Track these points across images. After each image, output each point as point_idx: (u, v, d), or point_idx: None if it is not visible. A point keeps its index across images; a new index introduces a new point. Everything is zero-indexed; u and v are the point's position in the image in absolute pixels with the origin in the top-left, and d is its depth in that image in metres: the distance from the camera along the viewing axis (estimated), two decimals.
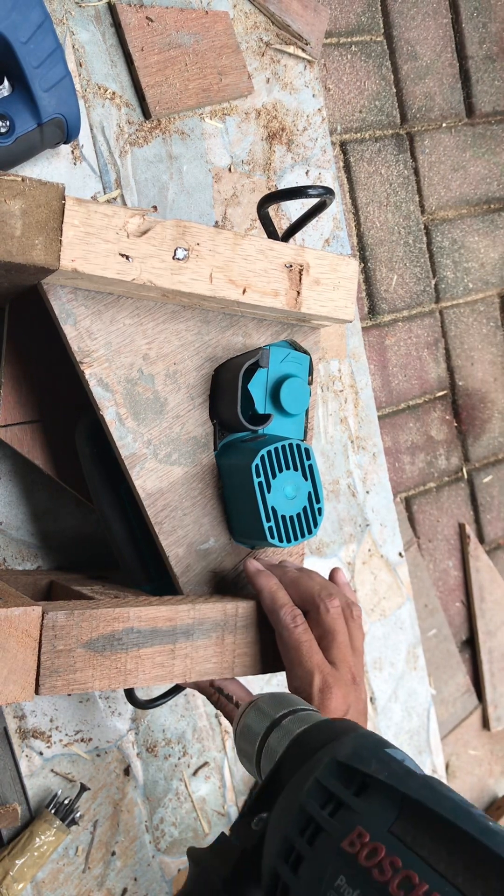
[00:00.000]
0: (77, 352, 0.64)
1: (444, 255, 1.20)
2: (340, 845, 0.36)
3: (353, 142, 1.10)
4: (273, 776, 0.45)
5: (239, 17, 0.93)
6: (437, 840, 0.34)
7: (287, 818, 0.40)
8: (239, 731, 0.53)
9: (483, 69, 1.21)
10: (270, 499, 0.67)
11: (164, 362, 0.68)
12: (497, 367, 1.27)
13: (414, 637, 1.11)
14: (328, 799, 0.39)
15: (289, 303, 0.69)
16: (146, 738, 0.87)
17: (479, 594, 1.24)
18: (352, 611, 0.67)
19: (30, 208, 0.56)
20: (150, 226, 0.61)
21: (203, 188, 0.90)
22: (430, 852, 0.34)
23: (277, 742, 0.48)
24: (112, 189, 0.84)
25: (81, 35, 0.82)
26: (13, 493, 0.79)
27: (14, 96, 0.71)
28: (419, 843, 0.35)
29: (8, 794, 0.78)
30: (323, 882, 0.36)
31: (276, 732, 0.49)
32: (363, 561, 1.05)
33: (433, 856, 0.34)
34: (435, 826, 0.35)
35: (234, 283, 0.66)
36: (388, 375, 1.15)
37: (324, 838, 0.37)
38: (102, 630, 0.59)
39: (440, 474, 1.22)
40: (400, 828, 0.36)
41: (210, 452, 0.71)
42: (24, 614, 0.56)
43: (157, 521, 0.68)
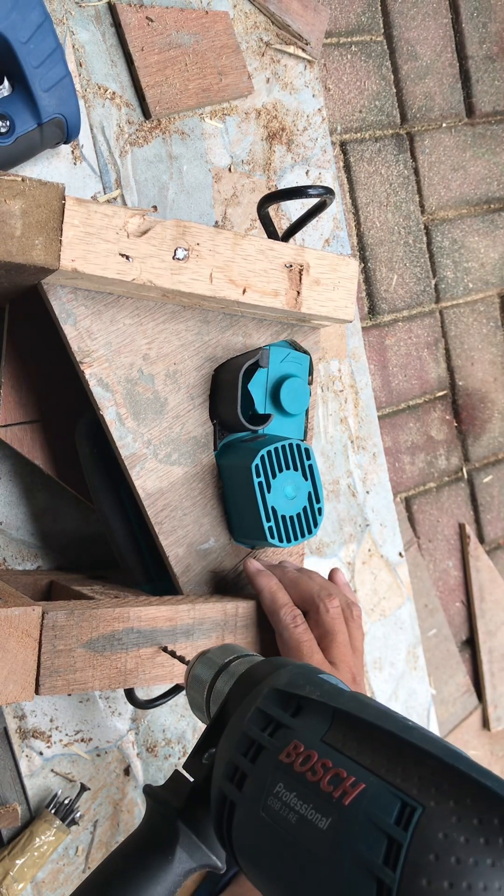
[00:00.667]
0: (77, 352, 0.64)
1: (444, 255, 1.20)
2: (278, 758, 0.39)
3: (353, 142, 1.10)
4: (219, 714, 0.48)
5: (239, 17, 0.93)
6: (363, 742, 0.38)
7: (231, 744, 0.43)
8: (189, 682, 0.54)
9: (483, 69, 1.21)
10: (270, 499, 0.67)
11: (164, 362, 0.68)
12: (497, 367, 1.27)
13: (414, 637, 1.11)
14: (268, 723, 0.42)
15: (289, 303, 0.69)
16: (146, 738, 0.87)
17: (479, 594, 1.24)
18: (352, 611, 0.68)
19: (30, 208, 0.56)
20: (150, 226, 0.61)
21: (203, 188, 0.90)
22: (357, 752, 0.37)
23: (224, 684, 0.50)
24: (112, 189, 0.84)
25: (81, 35, 0.82)
26: (13, 493, 0.79)
27: (14, 96, 0.71)
28: (348, 746, 0.38)
29: (8, 794, 0.78)
30: (264, 792, 0.39)
31: (222, 676, 0.51)
32: (363, 561, 1.05)
33: (360, 755, 0.37)
34: (361, 731, 0.38)
35: (234, 283, 0.66)
36: (388, 375, 1.15)
37: (264, 755, 0.40)
38: (102, 630, 0.60)
39: (440, 474, 1.22)
40: (331, 737, 0.39)
41: (210, 452, 0.71)
42: (24, 614, 0.56)
43: (157, 521, 0.68)
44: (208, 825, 0.46)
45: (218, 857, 0.47)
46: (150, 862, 0.46)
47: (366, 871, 0.33)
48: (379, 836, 0.34)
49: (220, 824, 0.42)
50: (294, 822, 0.37)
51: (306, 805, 0.37)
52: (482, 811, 0.32)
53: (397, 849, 0.33)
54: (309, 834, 0.36)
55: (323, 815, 0.36)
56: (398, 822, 0.34)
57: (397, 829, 0.33)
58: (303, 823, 0.36)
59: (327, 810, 0.36)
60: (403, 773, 0.35)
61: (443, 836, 0.32)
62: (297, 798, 0.37)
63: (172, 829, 0.46)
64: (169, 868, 0.46)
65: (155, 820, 0.48)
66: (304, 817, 0.36)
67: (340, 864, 0.34)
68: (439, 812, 0.33)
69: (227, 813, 0.41)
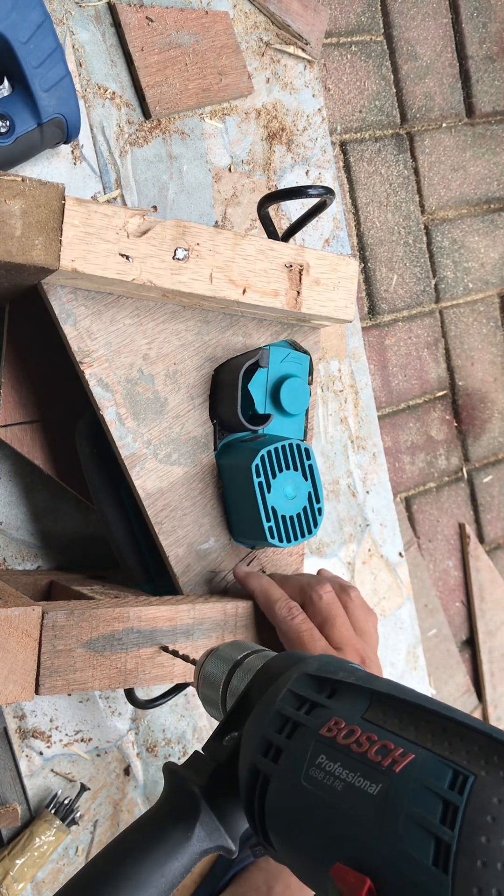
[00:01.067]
0: (77, 352, 0.64)
1: (444, 255, 1.20)
2: (319, 732, 0.40)
3: (353, 142, 1.10)
4: (241, 701, 0.48)
5: (239, 17, 0.93)
6: (404, 720, 0.39)
7: (263, 722, 0.43)
8: (202, 680, 0.54)
9: (483, 69, 1.21)
10: (270, 499, 0.67)
11: (164, 362, 0.68)
12: (497, 367, 1.27)
13: (414, 637, 1.11)
14: (302, 703, 0.42)
15: (289, 303, 0.69)
16: (146, 738, 0.87)
17: (479, 594, 1.24)
18: (349, 593, 0.67)
19: (30, 208, 0.56)
20: (150, 226, 0.61)
21: (203, 188, 0.90)
22: (400, 729, 0.38)
23: (240, 680, 0.50)
24: (112, 189, 0.84)
25: (81, 35, 0.82)
26: (13, 493, 0.79)
27: (14, 96, 0.71)
28: (390, 723, 0.39)
29: (8, 794, 0.78)
30: (305, 763, 0.39)
31: (237, 673, 0.51)
32: (363, 561, 1.05)
33: (404, 731, 0.38)
34: (402, 709, 0.39)
35: (234, 283, 0.66)
36: (388, 375, 1.15)
37: (302, 731, 0.41)
38: (102, 630, 0.60)
39: (440, 474, 1.22)
40: (371, 715, 0.40)
41: (210, 452, 0.71)
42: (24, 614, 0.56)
43: (157, 521, 0.68)
44: (228, 806, 0.46)
45: (233, 840, 0.47)
46: (168, 837, 0.46)
47: (422, 830, 0.34)
48: (434, 798, 0.35)
49: (252, 799, 0.42)
50: (340, 788, 0.37)
51: (353, 773, 0.37)
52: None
53: (454, 811, 0.34)
54: (358, 798, 0.36)
55: (372, 781, 0.36)
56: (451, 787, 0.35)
57: (452, 793, 0.34)
58: (350, 789, 0.37)
59: (377, 777, 0.36)
60: (450, 746, 0.36)
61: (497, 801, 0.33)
62: (343, 767, 0.38)
63: (195, 805, 0.46)
64: (187, 845, 0.45)
65: (176, 796, 0.47)
66: (352, 784, 0.37)
67: (395, 823, 0.35)
68: (491, 780, 0.34)
69: (259, 787, 0.41)
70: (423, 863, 0.33)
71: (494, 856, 0.32)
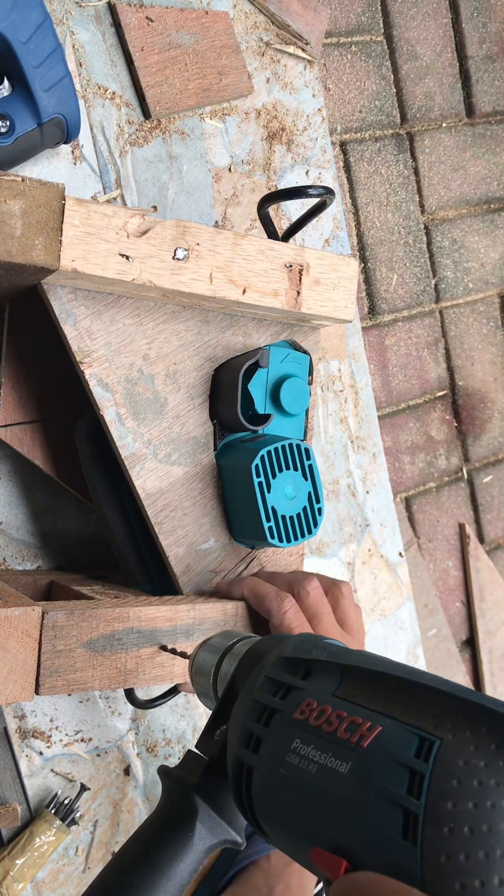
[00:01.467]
0: (77, 352, 0.64)
1: (444, 255, 1.20)
2: (293, 716, 0.40)
3: (353, 142, 1.10)
4: (227, 692, 0.49)
5: (239, 17, 0.93)
6: (374, 691, 0.39)
7: (243, 713, 0.43)
8: (194, 671, 0.55)
9: (483, 69, 1.21)
10: (270, 499, 0.67)
11: (164, 362, 0.68)
12: (497, 367, 1.27)
13: (414, 637, 1.11)
14: (279, 688, 0.43)
15: (289, 303, 0.69)
16: (146, 738, 0.87)
17: (479, 594, 1.24)
18: (340, 589, 0.68)
19: (30, 208, 0.55)
20: (150, 226, 0.61)
21: (203, 188, 0.90)
22: (369, 701, 0.39)
23: (229, 666, 0.51)
24: (112, 189, 0.84)
25: (81, 35, 0.82)
26: (13, 493, 0.79)
27: (14, 96, 0.71)
28: (360, 696, 0.39)
29: (8, 794, 0.78)
30: (282, 750, 0.40)
31: (227, 659, 0.52)
32: (363, 561, 1.05)
33: (373, 702, 0.38)
34: (372, 681, 0.40)
35: (234, 284, 0.66)
36: (388, 375, 1.15)
37: (278, 717, 0.41)
38: (102, 630, 0.60)
39: (440, 474, 1.22)
40: (343, 691, 0.40)
41: (210, 452, 0.71)
42: (24, 614, 0.56)
43: (157, 521, 0.68)
44: (226, 800, 0.47)
45: (237, 832, 0.47)
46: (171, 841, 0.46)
47: (390, 803, 0.34)
48: (400, 769, 0.34)
49: (240, 791, 0.42)
50: (314, 771, 0.38)
51: (325, 754, 0.38)
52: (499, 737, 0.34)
53: (420, 779, 0.34)
54: (330, 779, 0.37)
55: (343, 760, 0.37)
56: (418, 755, 0.35)
57: (418, 762, 0.34)
58: (323, 771, 0.37)
59: (346, 755, 0.37)
60: (418, 712, 0.36)
61: (463, 762, 0.33)
62: (315, 749, 0.38)
63: (191, 805, 0.47)
64: (190, 845, 0.46)
65: (173, 798, 0.48)
66: (324, 766, 0.37)
67: (365, 801, 0.35)
68: (457, 742, 0.34)
69: (245, 778, 0.42)
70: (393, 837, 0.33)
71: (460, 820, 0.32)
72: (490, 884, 0.31)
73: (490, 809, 0.32)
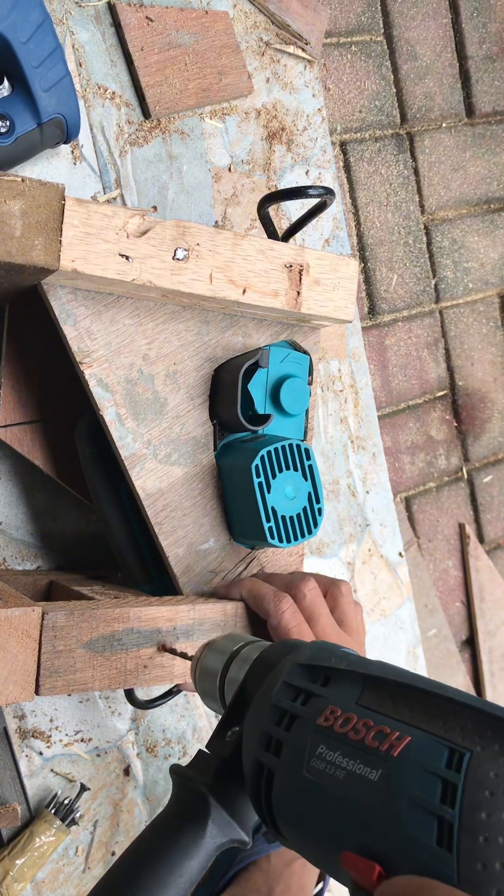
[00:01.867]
0: (77, 352, 0.64)
1: (444, 255, 1.20)
2: (316, 723, 0.41)
3: (353, 142, 1.10)
4: (239, 695, 0.49)
5: (239, 17, 0.93)
6: (398, 702, 0.40)
7: (261, 717, 0.44)
8: (199, 674, 0.55)
9: (483, 69, 1.21)
10: (270, 499, 0.67)
11: (163, 362, 0.68)
12: (497, 367, 1.27)
13: (414, 637, 1.11)
14: (297, 694, 0.44)
15: (289, 303, 0.69)
16: (146, 738, 0.87)
17: (479, 594, 1.24)
18: (338, 588, 0.68)
19: (30, 209, 0.55)
20: (149, 226, 0.61)
21: (203, 188, 0.90)
22: (395, 711, 0.39)
23: (238, 670, 0.51)
24: (112, 189, 0.84)
25: (81, 35, 0.82)
26: (13, 493, 0.79)
27: (14, 96, 0.71)
28: (384, 707, 0.40)
29: (8, 794, 0.78)
30: (305, 755, 0.40)
31: (235, 663, 0.52)
32: (363, 561, 1.05)
33: (398, 713, 0.39)
34: (395, 692, 0.40)
35: (234, 284, 0.66)
36: (388, 375, 1.15)
37: (300, 723, 0.42)
38: (102, 630, 0.60)
39: (440, 474, 1.22)
40: (366, 700, 0.41)
41: (210, 453, 0.71)
42: (24, 615, 0.56)
43: (156, 521, 0.68)
44: (237, 800, 0.47)
45: (246, 832, 0.48)
46: (182, 838, 0.46)
47: (424, 812, 0.35)
48: (433, 779, 0.35)
49: (258, 794, 0.43)
50: (342, 777, 0.38)
51: (353, 761, 0.38)
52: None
53: (453, 789, 0.35)
54: (359, 786, 0.37)
55: (372, 767, 0.37)
56: (448, 766, 0.35)
57: (450, 773, 0.35)
58: (351, 777, 0.38)
59: (376, 763, 0.37)
60: (444, 724, 0.37)
61: (494, 775, 0.34)
62: (342, 756, 0.39)
63: (204, 804, 0.47)
64: (201, 843, 0.46)
65: (185, 796, 0.48)
66: (353, 772, 0.38)
67: (397, 808, 0.36)
68: (487, 755, 0.35)
69: (265, 781, 0.42)
70: (427, 844, 0.34)
71: (495, 830, 0.33)
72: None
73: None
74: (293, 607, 0.64)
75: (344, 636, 0.66)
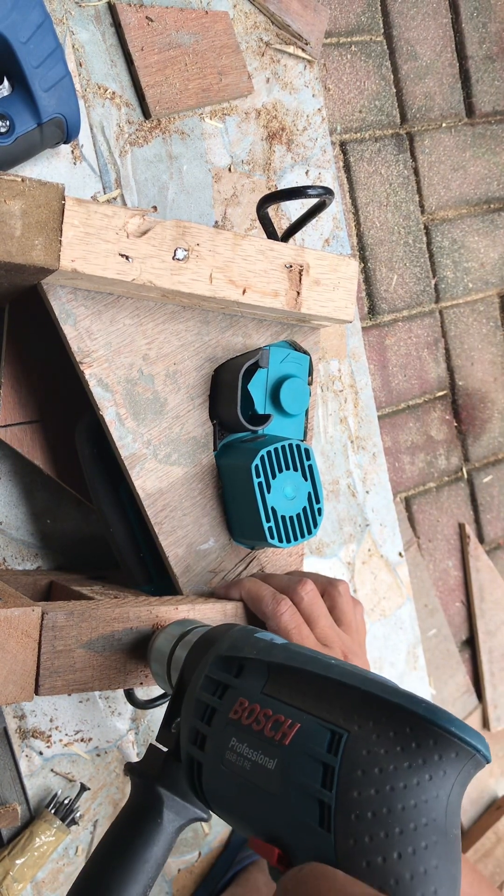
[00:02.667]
0: (77, 352, 0.64)
1: (444, 255, 1.20)
2: (229, 716, 0.45)
3: (353, 142, 1.10)
4: (178, 685, 0.54)
5: (239, 17, 0.93)
6: (294, 687, 0.44)
7: (189, 711, 0.48)
8: (151, 655, 0.59)
9: (483, 69, 1.21)
10: (270, 499, 0.67)
11: (163, 362, 0.68)
12: (497, 367, 1.27)
13: (414, 637, 1.11)
14: (217, 687, 0.48)
15: (289, 303, 0.69)
16: (146, 738, 0.87)
17: (479, 594, 1.24)
18: (337, 587, 0.68)
19: (30, 209, 0.55)
20: (149, 226, 0.61)
21: (203, 188, 0.90)
22: (291, 697, 0.43)
23: (182, 652, 0.55)
24: (112, 189, 0.84)
25: (81, 35, 0.82)
26: (13, 493, 0.79)
27: (14, 96, 0.71)
28: (283, 693, 0.44)
29: (8, 794, 0.78)
30: (223, 748, 0.44)
31: (180, 646, 0.56)
32: (363, 561, 1.05)
33: (294, 698, 0.43)
34: (293, 677, 0.44)
35: (234, 284, 0.66)
36: (388, 375, 1.15)
37: (217, 716, 0.46)
38: (102, 630, 0.60)
39: (440, 474, 1.22)
40: (270, 688, 0.45)
41: (210, 453, 0.71)
42: (23, 615, 0.56)
43: (156, 521, 0.68)
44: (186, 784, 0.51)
45: (202, 809, 0.53)
46: (142, 828, 0.51)
47: (309, 797, 0.38)
48: (316, 764, 0.39)
49: (193, 783, 0.47)
50: (249, 768, 0.42)
51: (256, 752, 0.42)
52: (396, 724, 0.38)
53: (331, 772, 0.38)
54: (262, 776, 0.41)
55: (270, 757, 0.41)
56: (329, 748, 0.39)
57: (329, 756, 0.38)
58: (256, 768, 0.42)
59: (273, 752, 0.41)
60: (329, 706, 0.41)
61: (366, 752, 0.37)
62: (248, 747, 0.43)
63: (156, 796, 0.52)
64: (160, 829, 0.51)
65: (139, 791, 0.53)
66: (256, 763, 0.42)
67: (290, 795, 0.39)
68: (362, 734, 0.38)
69: (196, 772, 0.46)
70: (312, 826, 0.38)
71: (364, 806, 0.36)
72: (391, 859, 0.35)
73: (389, 793, 0.36)
74: (291, 609, 0.64)
75: (343, 636, 0.66)
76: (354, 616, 0.68)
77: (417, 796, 0.36)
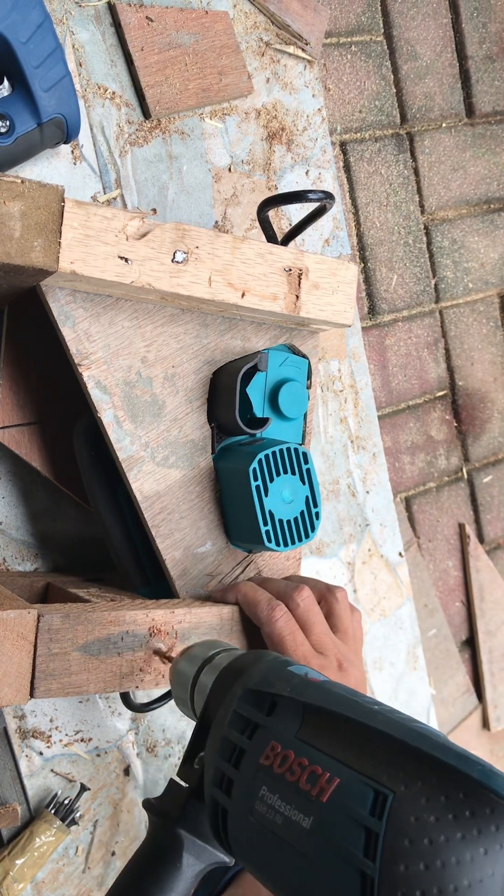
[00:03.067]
0: (75, 354, 0.64)
1: (444, 255, 1.20)
2: (259, 761, 0.41)
3: (353, 142, 1.09)
4: (203, 717, 0.50)
5: (239, 17, 0.93)
6: (332, 734, 0.40)
7: (215, 750, 0.45)
8: (173, 678, 0.56)
9: (483, 69, 1.21)
10: (268, 502, 0.67)
11: (162, 365, 0.68)
12: (497, 367, 1.27)
13: (414, 637, 1.11)
14: (246, 724, 0.44)
15: (287, 307, 0.69)
16: (146, 738, 0.87)
17: (479, 594, 1.24)
18: (333, 594, 0.67)
19: (29, 210, 0.55)
20: (149, 228, 0.61)
21: (203, 188, 0.90)
22: (328, 745, 0.39)
23: (208, 679, 0.52)
24: (112, 189, 0.84)
25: (81, 35, 0.82)
26: (13, 493, 0.79)
27: (14, 96, 0.71)
28: (320, 740, 0.40)
29: (8, 794, 0.79)
30: (251, 797, 0.40)
31: (206, 671, 0.53)
32: (363, 561, 1.05)
33: (332, 747, 0.39)
34: (330, 721, 0.40)
35: (233, 287, 0.66)
36: (388, 375, 1.15)
37: (246, 759, 0.42)
38: (98, 633, 0.60)
39: (440, 474, 1.22)
40: (304, 732, 0.41)
41: (208, 456, 0.71)
42: (19, 617, 0.56)
43: (154, 524, 0.68)
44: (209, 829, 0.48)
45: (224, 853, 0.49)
46: (160, 873, 0.48)
47: (349, 865, 0.35)
48: (357, 828, 0.35)
49: (217, 829, 0.43)
50: (280, 823, 0.38)
51: (289, 806, 0.38)
52: (447, 788, 0.34)
53: (375, 839, 0.34)
54: (295, 835, 0.37)
55: (305, 814, 0.37)
56: (373, 811, 0.35)
57: (373, 820, 0.35)
58: (288, 825, 0.38)
59: (308, 809, 0.37)
60: (372, 760, 0.37)
61: (414, 819, 0.34)
62: (281, 800, 0.39)
63: (175, 838, 0.48)
64: (179, 875, 0.47)
65: (157, 832, 0.49)
66: (289, 818, 0.38)
67: (327, 861, 0.36)
68: (409, 795, 0.34)
69: (220, 818, 0.43)
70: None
71: (413, 884, 0.32)
72: None
73: (440, 870, 0.32)
74: (287, 615, 0.64)
75: (339, 643, 0.65)
76: (352, 623, 0.67)
77: (471, 875, 0.32)
